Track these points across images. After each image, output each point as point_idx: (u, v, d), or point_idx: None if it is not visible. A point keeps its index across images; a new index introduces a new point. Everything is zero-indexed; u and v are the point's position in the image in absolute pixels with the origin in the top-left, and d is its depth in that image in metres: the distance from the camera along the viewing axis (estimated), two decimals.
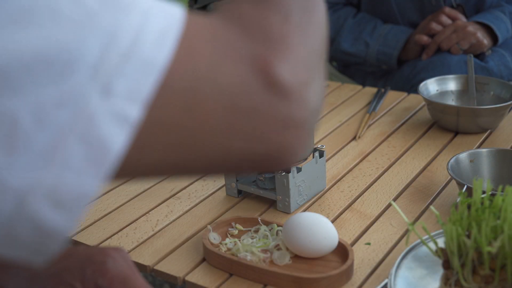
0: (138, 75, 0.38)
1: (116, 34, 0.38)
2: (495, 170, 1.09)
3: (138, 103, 0.38)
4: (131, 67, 0.38)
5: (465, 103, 1.42)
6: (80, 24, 0.37)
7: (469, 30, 1.66)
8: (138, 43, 0.38)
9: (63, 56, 0.36)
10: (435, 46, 1.70)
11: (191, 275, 0.92)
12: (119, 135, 0.37)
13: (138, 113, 0.38)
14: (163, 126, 0.39)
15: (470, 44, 1.67)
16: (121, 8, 0.39)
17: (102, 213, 1.10)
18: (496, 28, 1.70)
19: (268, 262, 0.91)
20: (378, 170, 1.20)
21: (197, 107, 0.40)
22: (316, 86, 0.46)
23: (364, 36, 1.78)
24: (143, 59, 0.38)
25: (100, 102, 0.37)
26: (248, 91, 0.41)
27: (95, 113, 0.36)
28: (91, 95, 0.37)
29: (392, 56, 1.75)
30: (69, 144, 0.36)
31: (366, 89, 1.62)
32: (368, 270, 0.91)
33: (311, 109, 0.44)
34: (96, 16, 0.38)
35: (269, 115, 0.42)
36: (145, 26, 0.39)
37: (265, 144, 0.43)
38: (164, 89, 0.39)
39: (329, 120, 1.45)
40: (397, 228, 1.00)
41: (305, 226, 0.90)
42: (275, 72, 0.42)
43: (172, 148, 0.40)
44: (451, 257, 0.75)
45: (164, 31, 0.40)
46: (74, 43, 0.37)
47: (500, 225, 0.72)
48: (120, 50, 0.38)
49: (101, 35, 0.37)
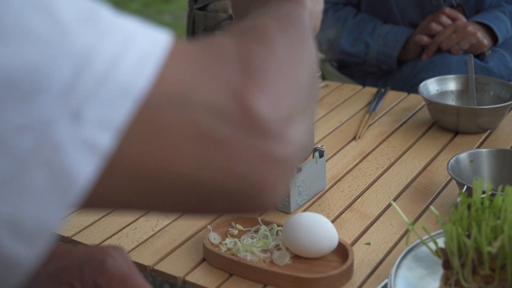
0: (113, 102, 0.36)
1: (92, 56, 0.36)
2: (495, 170, 1.09)
3: (110, 131, 0.35)
4: (105, 93, 0.35)
5: (465, 103, 1.42)
6: (52, 44, 0.35)
7: (469, 30, 1.66)
8: (115, 68, 0.36)
9: (30, 77, 0.34)
10: (435, 46, 1.70)
11: (191, 275, 0.92)
12: (87, 164, 0.35)
13: (109, 141, 0.35)
14: (134, 154, 0.37)
15: (470, 44, 1.67)
16: (101, 28, 0.37)
17: (102, 213, 1.09)
18: (496, 28, 1.70)
19: (268, 262, 0.91)
20: (378, 170, 1.20)
21: (169, 134, 0.38)
22: (301, 122, 0.43)
23: (364, 36, 1.78)
24: (119, 85, 0.36)
25: (69, 128, 0.34)
26: (222, 120, 0.39)
27: (63, 140, 0.34)
28: (59, 121, 0.34)
29: (392, 56, 1.75)
30: (32, 172, 0.34)
31: (366, 89, 1.62)
32: (368, 270, 0.91)
33: (293, 147, 0.41)
34: (71, 35, 0.35)
35: (243, 149, 0.39)
36: (125, 50, 0.37)
37: (239, 180, 0.40)
38: (138, 117, 0.37)
39: (329, 120, 1.45)
40: (397, 228, 1.00)
41: (305, 226, 0.90)
42: (252, 105, 0.40)
43: (142, 178, 0.38)
44: (451, 257, 0.75)
45: (144, 57, 0.37)
46: (43, 63, 0.34)
47: (500, 225, 0.72)
48: (95, 74, 0.35)
49: (74, 56, 0.35)
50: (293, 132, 0.42)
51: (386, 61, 1.77)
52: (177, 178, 0.39)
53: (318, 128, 1.39)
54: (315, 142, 1.32)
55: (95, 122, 0.35)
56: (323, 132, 1.38)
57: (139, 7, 5.26)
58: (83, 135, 0.35)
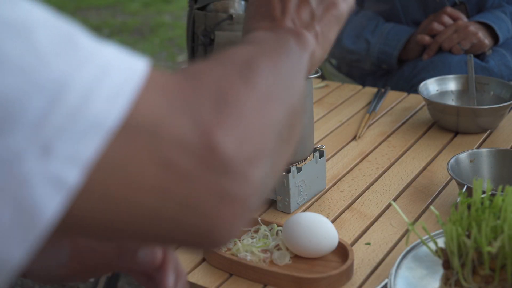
0: (84, 135, 0.35)
1: (67, 87, 0.35)
2: (495, 170, 1.09)
3: (78, 167, 0.35)
4: (77, 126, 0.35)
5: (465, 103, 1.42)
6: (28, 72, 0.34)
7: (470, 30, 1.66)
8: (89, 99, 0.35)
9: (4, 106, 0.33)
10: (436, 46, 1.70)
11: (191, 275, 0.92)
12: (53, 200, 0.34)
13: (76, 177, 0.35)
14: (100, 186, 0.36)
15: (472, 44, 1.67)
16: (79, 56, 0.36)
17: None
18: (497, 28, 1.70)
19: (268, 262, 0.91)
20: (378, 170, 1.20)
21: (135, 164, 0.37)
22: (268, 163, 0.43)
23: (365, 34, 1.78)
24: (92, 118, 0.35)
25: (37, 163, 0.34)
26: (186, 154, 0.39)
27: (30, 175, 0.33)
28: (28, 155, 0.33)
29: (392, 56, 1.75)
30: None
31: (366, 89, 1.62)
32: (368, 270, 0.91)
33: (253, 188, 0.41)
34: (48, 64, 0.34)
35: (202, 184, 0.39)
36: (101, 80, 0.36)
37: (198, 215, 0.40)
38: (107, 149, 0.36)
39: (329, 120, 1.45)
40: (397, 228, 1.00)
41: (305, 226, 0.90)
42: (218, 142, 0.39)
43: (106, 208, 0.37)
44: (451, 257, 0.75)
45: (120, 87, 0.37)
46: (18, 92, 0.33)
47: (500, 225, 0.72)
48: (69, 106, 0.34)
49: (50, 86, 0.34)
50: (256, 172, 0.41)
51: (386, 60, 1.77)
52: (139, 209, 0.38)
53: (318, 128, 1.39)
54: (315, 142, 1.32)
55: (64, 157, 0.34)
56: (323, 132, 1.38)
57: (139, 7, 5.26)
58: (51, 170, 0.34)
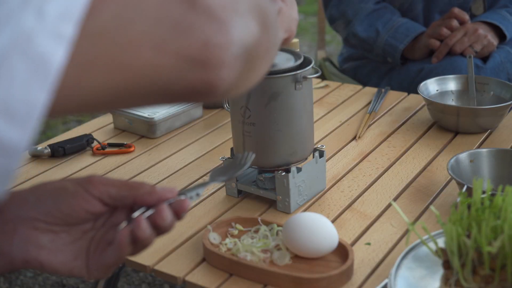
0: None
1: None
2: (495, 170, 1.09)
3: (71, 22, 0.40)
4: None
5: (465, 103, 1.43)
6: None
7: (480, 32, 1.68)
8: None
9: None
10: (446, 49, 1.70)
11: (191, 275, 0.92)
12: (58, 51, 0.39)
13: (72, 30, 0.40)
14: (96, 39, 0.42)
15: (482, 46, 1.69)
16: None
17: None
18: (505, 28, 1.73)
19: (268, 262, 0.91)
20: (378, 170, 1.20)
21: (125, 21, 0.42)
22: (244, 19, 0.48)
23: (377, 25, 1.79)
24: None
25: (36, 23, 0.39)
26: (170, 3, 0.44)
27: (33, 33, 0.38)
28: (26, 18, 0.38)
29: (397, 50, 1.75)
30: (13, 61, 0.38)
31: (366, 89, 1.62)
32: (368, 270, 0.91)
33: (235, 38, 0.46)
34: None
35: (191, 31, 0.44)
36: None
37: (191, 62, 0.45)
38: (94, 6, 0.41)
39: (329, 120, 1.45)
40: (397, 228, 1.00)
41: (305, 226, 0.90)
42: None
43: (106, 65, 0.42)
44: (451, 257, 0.75)
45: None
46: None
47: (500, 225, 0.72)
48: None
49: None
50: (235, 23, 0.46)
51: (391, 53, 1.77)
52: (136, 63, 0.43)
53: (318, 128, 1.40)
54: (315, 142, 1.32)
55: (56, 17, 0.39)
56: (323, 132, 1.38)
57: None
58: (49, 27, 0.39)
